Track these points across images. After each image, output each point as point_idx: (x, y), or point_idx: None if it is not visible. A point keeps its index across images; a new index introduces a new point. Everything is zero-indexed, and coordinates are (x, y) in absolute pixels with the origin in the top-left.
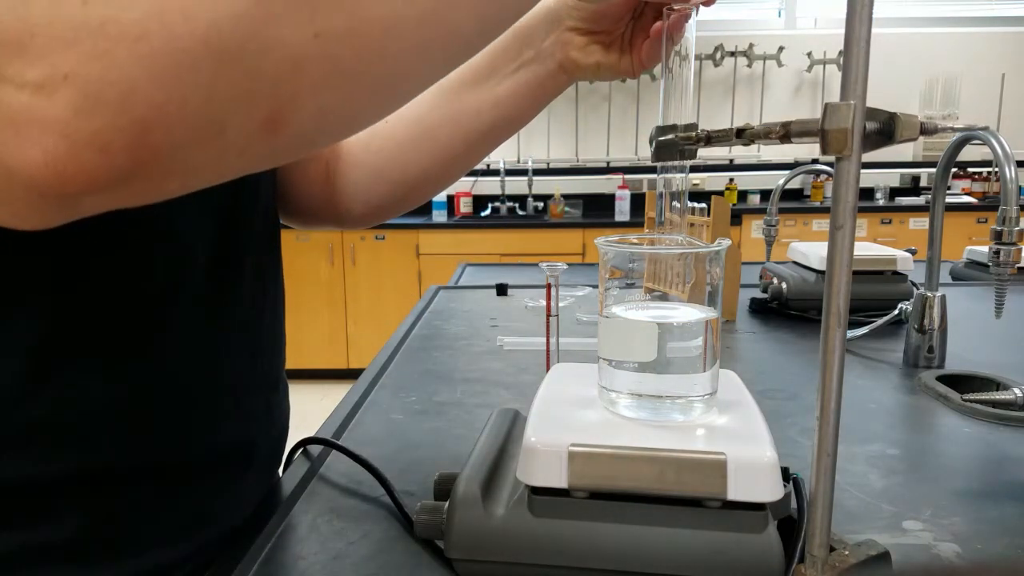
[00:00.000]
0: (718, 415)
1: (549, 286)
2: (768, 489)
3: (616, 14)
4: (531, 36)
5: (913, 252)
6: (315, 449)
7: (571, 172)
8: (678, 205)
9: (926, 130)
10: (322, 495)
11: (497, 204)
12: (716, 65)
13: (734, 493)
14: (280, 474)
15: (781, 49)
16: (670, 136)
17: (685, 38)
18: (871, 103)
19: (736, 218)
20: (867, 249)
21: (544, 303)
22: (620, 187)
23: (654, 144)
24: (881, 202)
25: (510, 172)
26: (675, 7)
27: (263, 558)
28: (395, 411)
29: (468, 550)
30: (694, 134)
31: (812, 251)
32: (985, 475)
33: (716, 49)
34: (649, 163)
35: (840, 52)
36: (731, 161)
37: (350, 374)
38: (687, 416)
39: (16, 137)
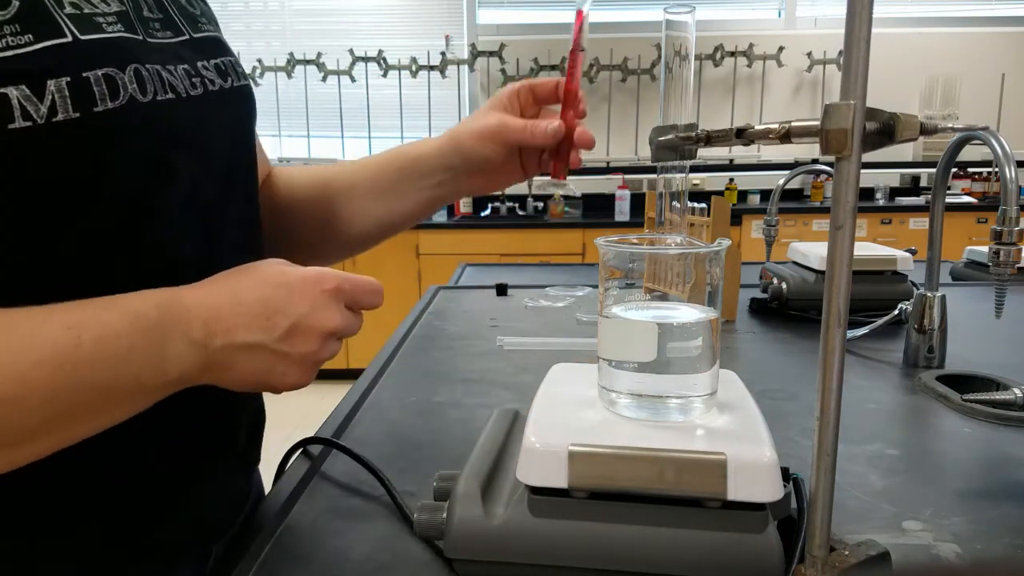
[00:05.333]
0: (718, 415)
1: (580, 13)
2: (768, 489)
3: (501, 161)
4: (429, 175)
5: (913, 252)
6: (315, 449)
7: (571, 172)
8: (678, 205)
9: (926, 130)
10: (322, 495)
11: (497, 204)
12: (716, 65)
13: (734, 493)
14: (262, 478)
15: (781, 49)
16: (670, 136)
17: (685, 38)
18: (871, 103)
19: (736, 218)
20: (867, 249)
21: (543, 303)
22: (620, 187)
23: (654, 144)
24: (881, 202)
25: None
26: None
27: (263, 558)
28: (395, 411)
29: (468, 550)
30: (694, 134)
31: (812, 251)
32: (985, 475)
33: (716, 49)
34: (649, 163)
35: (840, 52)
36: (731, 161)
37: (350, 374)
38: (687, 416)
39: None
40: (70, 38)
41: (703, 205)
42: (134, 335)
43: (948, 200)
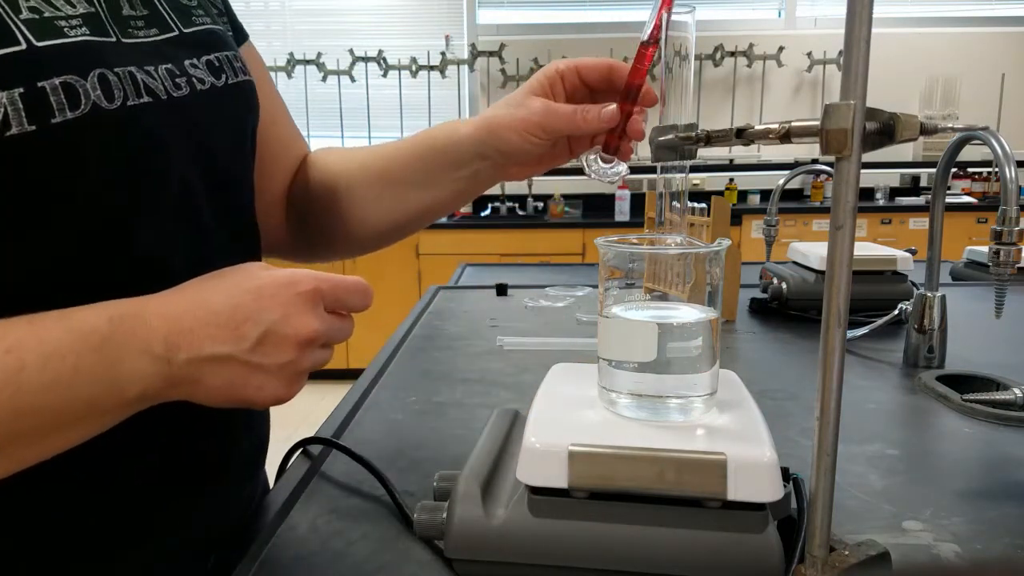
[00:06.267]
0: (718, 415)
1: (667, 2)
2: (768, 489)
3: (540, 151)
4: (463, 166)
5: (913, 252)
6: (315, 449)
7: (571, 172)
8: (678, 205)
9: (926, 130)
10: (322, 495)
11: (497, 204)
12: (716, 65)
13: (734, 493)
14: (267, 475)
15: (781, 49)
16: (670, 136)
17: (685, 38)
18: (871, 103)
19: (736, 218)
20: (867, 249)
21: (543, 303)
22: (620, 187)
23: (654, 144)
24: (881, 202)
25: None
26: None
27: (263, 558)
28: (395, 411)
29: (468, 550)
30: (694, 134)
31: (812, 251)
32: (985, 475)
33: (716, 49)
34: (649, 163)
35: (840, 52)
36: (731, 161)
37: (350, 374)
38: (687, 416)
39: None
40: (24, 46)
41: (703, 205)
42: (82, 354)
43: (948, 200)
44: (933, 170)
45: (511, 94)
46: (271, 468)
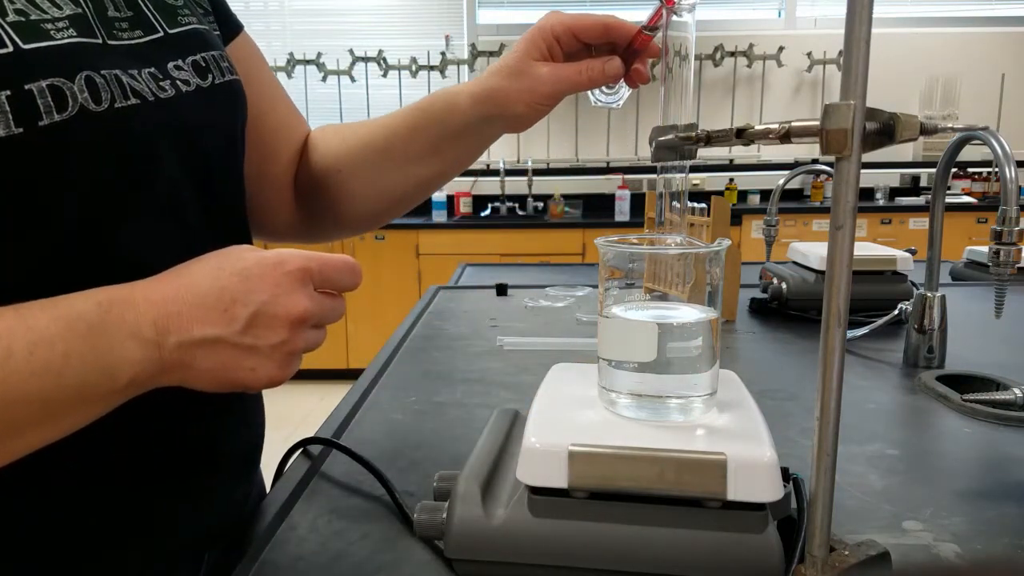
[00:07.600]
0: (718, 415)
1: (663, 6)
2: (768, 489)
3: (547, 113)
4: (466, 134)
5: (913, 252)
6: (315, 449)
7: (571, 172)
8: (678, 205)
9: (926, 130)
10: (322, 495)
11: (497, 204)
12: (716, 65)
13: (734, 493)
14: (263, 478)
15: (781, 49)
16: (670, 136)
17: (685, 38)
18: (871, 103)
19: (736, 218)
20: (867, 249)
21: (543, 303)
22: (620, 187)
23: (654, 144)
24: (881, 202)
25: (510, 172)
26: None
27: (263, 558)
28: (395, 411)
29: (468, 550)
30: (694, 134)
31: (812, 251)
32: (985, 475)
33: (716, 49)
34: (649, 163)
35: (840, 52)
36: (731, 161)
37: (350, 374)
38: (687, 416)
39: None
40: (11, 48)
41: (703, 205)
42: (71, 341)
43: (948, 200)
44: (933, 170)
45: (506, 59)
46: (270, 469)
